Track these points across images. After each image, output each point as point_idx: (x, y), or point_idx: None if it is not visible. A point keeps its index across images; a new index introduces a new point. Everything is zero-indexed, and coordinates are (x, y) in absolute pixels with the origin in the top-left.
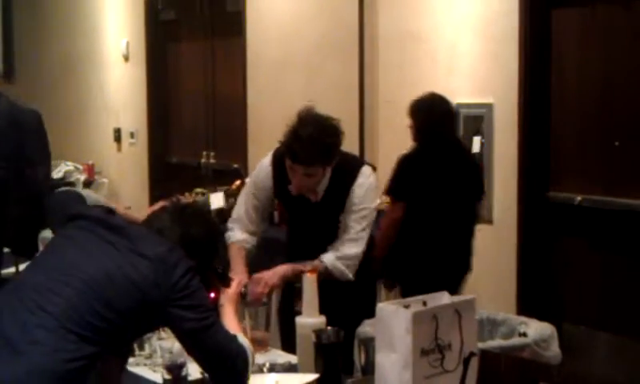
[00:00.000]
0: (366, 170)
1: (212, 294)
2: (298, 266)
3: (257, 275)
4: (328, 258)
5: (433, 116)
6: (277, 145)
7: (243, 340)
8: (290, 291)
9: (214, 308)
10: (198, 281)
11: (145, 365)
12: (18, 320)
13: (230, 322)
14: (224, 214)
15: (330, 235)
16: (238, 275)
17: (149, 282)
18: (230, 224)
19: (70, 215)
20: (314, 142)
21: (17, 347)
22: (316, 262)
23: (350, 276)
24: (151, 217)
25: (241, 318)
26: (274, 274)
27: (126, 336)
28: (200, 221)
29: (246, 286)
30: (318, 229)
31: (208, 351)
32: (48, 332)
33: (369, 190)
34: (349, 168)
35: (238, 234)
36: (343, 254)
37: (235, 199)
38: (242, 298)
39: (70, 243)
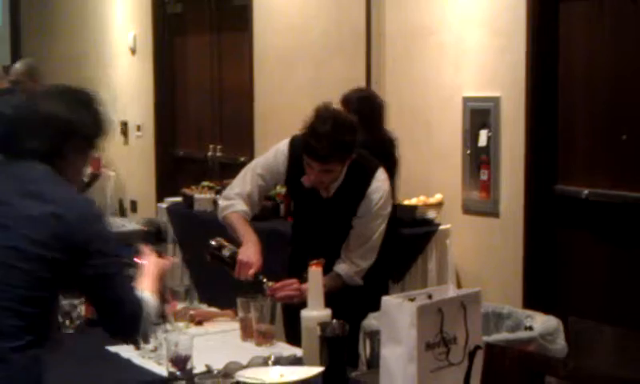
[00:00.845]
0: (380, 173)
1: (136, 259)
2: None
3: (243, 260)
4: (345, 272)
5: (364, 109)
6: (291, 133)
7: (145, 295)
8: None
9: (118, 254)
10: (105, 224)
11: (150, 358)
12: None
13: (146, 280)
14: None
15: (336, 233)
16: (251, 242)
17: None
18: (228, 195)
19: None
20: (331, 138)
21: None
22: (333, 279)
23: (360, 282)
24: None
25: (246, 310)
26: (260, 253)
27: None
28: (47, 94)
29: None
30: (325, 225)
31: (101, 299)
32: None
33: (384, 196)
34: (363, 169)
35: (241, 205)
36: (360, 267)
37: None
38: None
39: None
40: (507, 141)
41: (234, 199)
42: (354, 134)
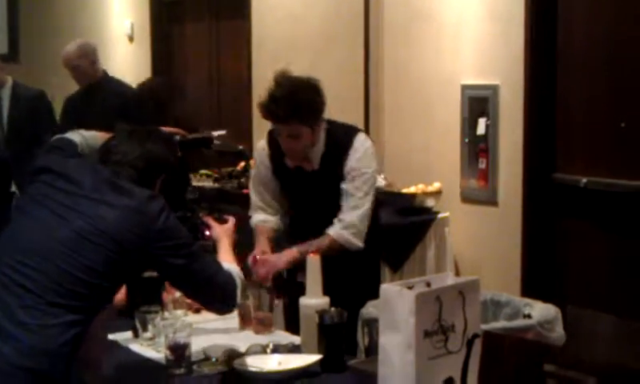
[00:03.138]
0: (361, 135)
1: (207, 232)
2: (304, 247)
3: (262, 257)
4: (333, 229)
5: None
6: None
7: (231, 267)
8: (293, 272)
9: (193, 241)
10: (174, 217)
11: (148, 345)
12: (2, 303)
13: (224, 253)
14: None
15: (330, 207)
16: (262, 251)
17: (123, 229)
18: (250, 213)
19: (32, 170)
20: (287, 99)
21: (4, 331)
22: (322, 238)
23: (360, 244)
24: (107, 147)
25: (245, 298)
26: (280, 257)
27: (111, 292)
28: (155, 137)
29: (250, 267)
30: (318, 201)
31: (195, 284)
32: (31, 310)
33: (365, 154)
34: (343, 135)
35: (258, 216)
36: (347, 222)
37: (239, 181)
38: (248, 278)
39: (35, 207)
40: (506, 129)
41: (252, 211)
42: (312, 93)
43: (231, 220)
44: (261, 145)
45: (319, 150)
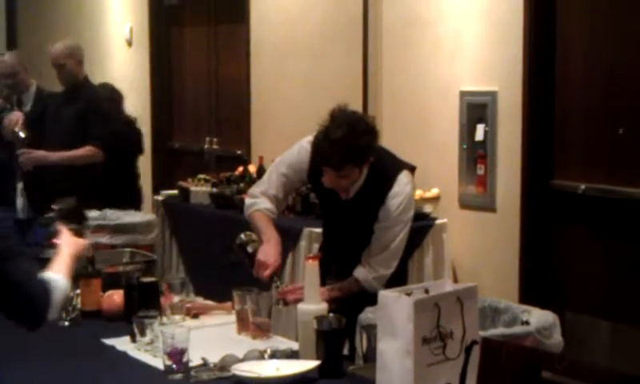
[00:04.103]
0: (403, 177)
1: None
2: (334, 293)
3: (261, 260)
4: (364, 277)
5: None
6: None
7: (55, 277)
8: None
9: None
10: None
11: (146, 350)
12: None
13: (59, 262)
14: None
15: (358, 236)
16: (271, 242)
17: None
18: (253, 194)
19: None
20: (344, 145)
21: None
22: (351, 284)
23: (381, 289)
24: None
25: (243, 303)
26: (279, 254)
27: None
28: None
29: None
30: (347, 227)
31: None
32: None
33: (404, 201)
34: (385, 172)
35: (265, 203)
36: (380, 274)
37: (238, 186)
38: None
39: None
40: (504, 135)
41: (259, 197)
42: (369, 137)
43: (85, 240)
44: (305, 146)
45: (359, 183)
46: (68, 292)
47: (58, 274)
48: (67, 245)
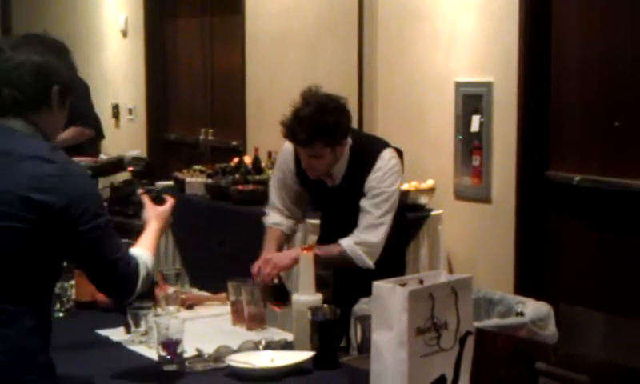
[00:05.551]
0: (386, 153)
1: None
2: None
3: (266, 256)
4: (346, 242)
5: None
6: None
7: (142, 253)
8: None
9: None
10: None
11: (140, 342)
12: None
13: (145, 237)
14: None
15: (353, 220)
16: (269, 255)
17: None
18: (267, 208)
19: None
20: (311, 121)
21: None
22: (332, 245)
23: (370, 263)
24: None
25: (237, 294)
26: (285, 256)
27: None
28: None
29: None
30: (342, 214)
31: (95, 261)
32: None
33: (388, 172)
34: (368, 151)
35: (272, 218)
36: (362, 240)
37: (233, 177)
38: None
39: None
40: (499, 126)
41: (268, 213)
42: (337, 115)
43: (169, 202)
44: (287, 147)
45: (342, 167)
46: (153, 268)
47: (145, 251)
48: (154, 218)
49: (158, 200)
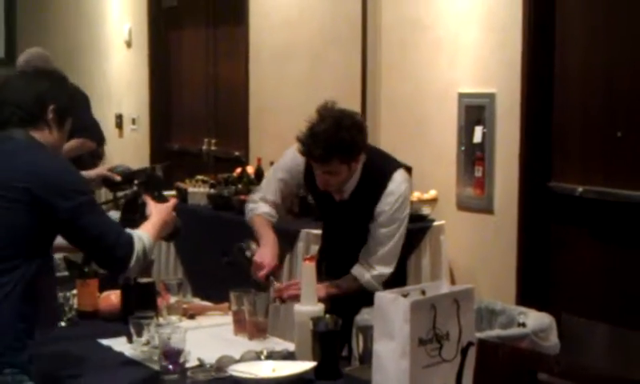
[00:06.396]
0: (397, 175)
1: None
2: (333, 290)
3: (257, 260)
4: (363, 277)
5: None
6: (285, 128)
7: (139, 233)
8: None
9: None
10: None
11: (143, 351)
12: None
13: (146, 223)
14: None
15: (355, 236)
16: (268, 245)
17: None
18: (253, 199)
19: None
20: (327, 139)
21: None
22: (350, 282)
23: (380, 289)
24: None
25: (240, 304)
26: (275, 256)
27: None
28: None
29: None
30: (346, 228)
31: (81, 235)
32: None
33: (400, 198)
34: (380, 171)
35: (264, 207)
36: (378, 272)
37: (236, 187)
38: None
39: None
40: (502, 137)
41: (258, 202)
42: (355, 132)
43: (172, 200)
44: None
45: (353, 183)
46: (151, 250)
47: (142, 231)
48: (156, 212)
49: (160, 199)
